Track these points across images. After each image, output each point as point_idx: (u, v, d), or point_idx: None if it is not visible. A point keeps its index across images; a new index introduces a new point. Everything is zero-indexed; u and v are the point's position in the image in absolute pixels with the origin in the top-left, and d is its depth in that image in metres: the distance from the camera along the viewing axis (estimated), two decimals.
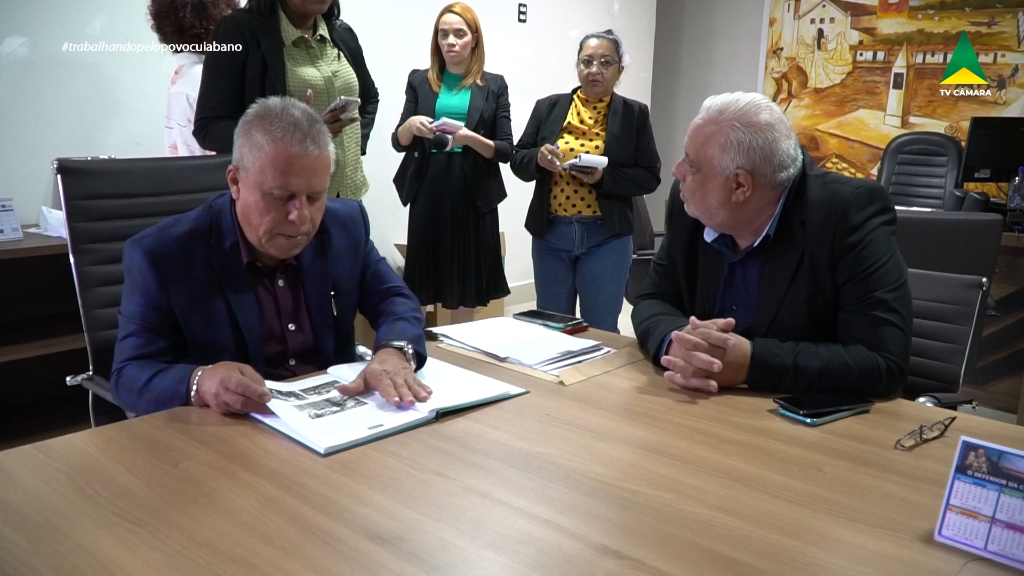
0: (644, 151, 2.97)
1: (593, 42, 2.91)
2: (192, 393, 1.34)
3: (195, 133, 2.41)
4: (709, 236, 1.65)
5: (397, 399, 1.33)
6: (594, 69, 2.89)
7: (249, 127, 1.44)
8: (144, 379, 1.40)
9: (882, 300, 1.48)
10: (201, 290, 1.47)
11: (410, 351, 1.50)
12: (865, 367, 1.45)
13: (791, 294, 1.55)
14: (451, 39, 3.14)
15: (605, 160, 2.85)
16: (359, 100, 2.53)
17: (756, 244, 1.58)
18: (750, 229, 1.59)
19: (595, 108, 2.99)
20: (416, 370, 1.50)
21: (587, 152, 2.89)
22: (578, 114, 2.99)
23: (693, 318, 1.51)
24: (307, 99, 2.19)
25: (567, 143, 2.95)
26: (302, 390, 1.40)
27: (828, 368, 1.45)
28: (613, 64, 2.92)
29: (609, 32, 2.98)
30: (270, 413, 1.29)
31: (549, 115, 3.01)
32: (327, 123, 2.40)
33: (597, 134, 2.95)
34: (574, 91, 3.04)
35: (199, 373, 1.36)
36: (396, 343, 1.50)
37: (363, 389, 1.39)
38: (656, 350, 1.58)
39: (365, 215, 1.73)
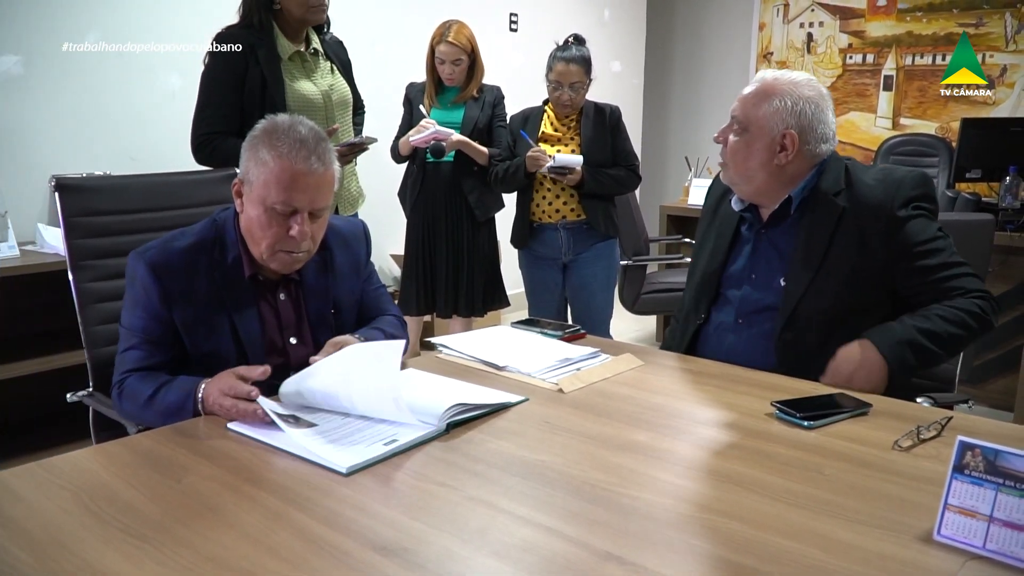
0: (621, 151, 2.98)
1: (561, 67, 2.85)
2: (200, 405, 1.37)
3: (196, 148, 2.40)
4: (737, 205, 1.73)
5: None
6: (565, 97, 2.89)
7: (256, 142, 1.45)
8: (148, 392, 1.42)
9: (945, 264, 1.61)
10: (204, 303, 1.49)
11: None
12: (971, 311, 1.58)
13: (828, 261, 1.62)
14: (447, 68, 3.14)
15: (580, 159, 2.85)
16: (377, 139, 2.56)
17: (777, 208, 1.67)
18: (776, 200, 1.68)
19: (567, 115, 3.00)
20: None
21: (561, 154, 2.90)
22: (551, 123, 3.01)
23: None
24: (329, 132, 2.13)
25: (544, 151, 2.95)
26: (301, 407, 1.39)
27: (948, 322, 1.55)
28: (584, 88, 2.91)
29: (579, 44, 2.90)
30: (265, 424, 1.30)
31: (523, 129, 3.01)
32: (343, 154, 2.41)
33: (572, 139, 2.97)
34: (545, 102, 3.04)
35: (203, 386, 1.38)
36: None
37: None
38: None
39: (368, 235, 1.75)
